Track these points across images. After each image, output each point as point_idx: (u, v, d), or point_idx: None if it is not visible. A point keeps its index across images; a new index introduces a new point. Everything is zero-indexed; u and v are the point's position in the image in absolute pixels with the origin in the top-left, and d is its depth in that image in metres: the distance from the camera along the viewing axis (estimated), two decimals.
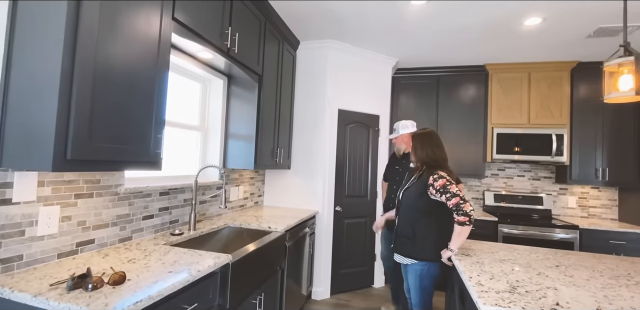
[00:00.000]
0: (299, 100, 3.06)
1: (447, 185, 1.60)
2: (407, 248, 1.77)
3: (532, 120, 3.30)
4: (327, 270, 2.87)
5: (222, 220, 2.20)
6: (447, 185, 1.60)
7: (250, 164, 2.27)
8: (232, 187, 2.51)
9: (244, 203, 2.70)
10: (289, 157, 2.95)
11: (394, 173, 2.62)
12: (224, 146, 2.39)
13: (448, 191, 1.59)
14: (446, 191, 1.59)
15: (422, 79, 3.62)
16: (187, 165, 2.26)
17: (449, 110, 3.53)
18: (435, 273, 1.72)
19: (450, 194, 1.58)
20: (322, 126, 2.96)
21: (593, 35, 2.63)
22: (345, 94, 3.09)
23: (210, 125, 2.39)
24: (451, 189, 1.58)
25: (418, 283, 1.74)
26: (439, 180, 1.63)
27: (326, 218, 2.90)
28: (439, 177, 1.64)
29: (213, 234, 1.96)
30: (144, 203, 1.66)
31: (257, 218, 2.32)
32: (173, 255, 1.36)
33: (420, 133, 1.86)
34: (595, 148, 3.16)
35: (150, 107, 1.29)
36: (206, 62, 2.08)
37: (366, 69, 3.23)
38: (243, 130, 2.35)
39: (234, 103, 2.41)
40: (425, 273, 1.72)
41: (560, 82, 3.27)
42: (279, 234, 1.96)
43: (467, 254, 1.60)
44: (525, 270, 1.38)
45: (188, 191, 1.99)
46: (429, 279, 1.72)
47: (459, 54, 3.17)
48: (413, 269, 1.75)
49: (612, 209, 3.33)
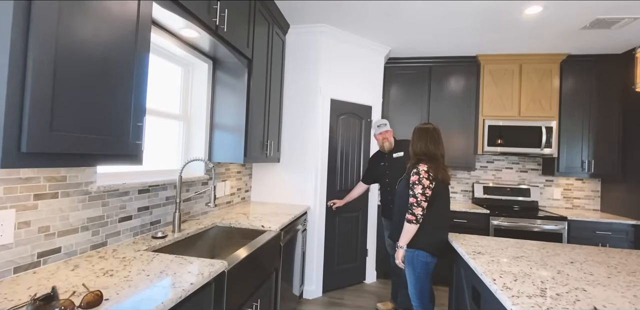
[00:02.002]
0: (289, 89, 2.86)
1: (416, 183, 1.66)
2: (398, 236, 1.79)
3: (522, 112, 3.29)
4: (319, 267, 2.75)
5: (208, 219, 2.00)
6: (415, 184, 1.67)
7: (240, 157, 2.07)
8: (219, 183, 2.31)
9: (230, 199, 2.50)
10: (279, 150, 2.76)
11: (382, 169, 2.53)
12: (209, 138, 2.17)
13: (412, 189, 1.66)
14: (412, 189, 1.67)
15: (414, 69, 3.51)
16: (169, 159, 2.03)
17: (440, 101, 3.46)
18: (425, 261, 1.70)
19: (413, 193, 1.66)
20: (314, 117, 2.79)
21: (588, 27, 2.60)
22: (338, 83, 2.92)
23: (193, 114, 2.16)
24: (415, 189, 1.65)
25: (410, 271, 1.74)
26: (414, 175, 1.69)
27: (318, 213, 2.76)
28: (415, 172, 1.69)
29: (200, 236, 1.77)
30: (121, 203, 1.44)
31: (247, 216, 2.14)
32: (158, 263, 1.17)
33: (420, 127, 1.87)
34: (582, 140, 3.21)
35: (127, 90, 1.07)
36: (189, 42, 1.84)
37: (359, 57, 3.07)
38: (231, 120, 2.14)
39: (220, 91, 2.19)
40: (416, 260, 1.71)
41: (551, 75, 3.27)
42: (273, 233, 1.80)
43: (479, 252, 1.52)
44: (543, 268, 1.31)
45: (170, 188, 1.77)
46: (421, 266, 1.71)
47: (452, 43, 3.08)
48: (407, 256, 1.75)
49: (594, 200, 3.42)
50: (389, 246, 2.61)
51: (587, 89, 3.22)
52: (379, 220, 3.15)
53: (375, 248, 3.15)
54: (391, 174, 2.46)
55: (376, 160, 2.61)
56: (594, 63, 3.21)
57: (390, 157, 2.48)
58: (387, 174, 2.49)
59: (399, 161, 2.44)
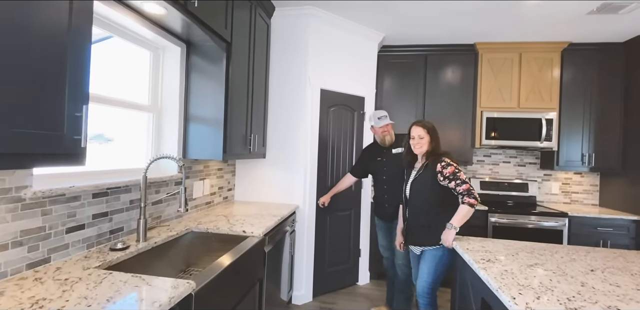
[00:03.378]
0: (275, 77, 2.62)
1: (457, 172, 1.66)
2: (422, 237, 1.78)
3: (522, 103, 3.13)
4: (308, 271, 2.56)
5: (183, 223, 1.78)
6: (456, 173, 1.66)
7: (218, 153, 1.84)
8: (196, 182, 2.08)
9: (210, 199, 2.27)
10: (264, 145, 2.53)
11: (379, 165, 2.33)
12: (183, 132, 1.93)
13: (458, 178, 1.65)
14: (456, 178, 1.65)
15: (408, 57, 3.31)
16: (137, 157, 1.79)
17: (436, 92, 3.27)
18: (448, 261, 1.73)
19: (460, 180, 1.65)
20: (303, 108, 2.56)
21: (595, 11, 2.43)
22: (329, 72, 2.69)
23: (165, 105, 1.91)
24: (460, 176, 1.66)
25: (433, 269, 1.73)
26: (447, 167, 1.67)
27: (308, 213, 2.56)
28: (447, 165, 1.68)
29: (171, 244, 1.54)
30: (68, 210, 1.20)
31: (227, 218, 1.92)
32: (108, 287, 0.95)
33: (432, 124, 1.87)
34: (582, 133, 3.07)
35: (59, 71, 0.84)
36: (157, 21, 1.59)
37: (351, 44, 2.84)
38: (208, 112, 1.90)
39: (195, 78, 1.94)
40: (444, 258, 1.72)
41: (551, 64, 3.11)
42: (256, 239, 1.59)
43: (488, 260, 1.34)
44: (564, 280, 1.14)
45: (136, 190, 1.54)
46: (443, 266, 1.73)
47: (449, 28, 2.87)
48: (431, 254, 1.75)
49: (593, 195, 3.32)
50: (382, 247, 2.44)
51: (588, 79, 3.07)
52: (372, 219, 2.97)
53: (368, 248, 2.98)
54: (389, 171, 2.27)
55: (372, 154, 2.40)
56: (595, 52, 3.06)
57: (389, 152, 2.28)
58: (385, 170, 2.29)
59: (397, 158, 2.24)
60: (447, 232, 1.65)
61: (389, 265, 2.40)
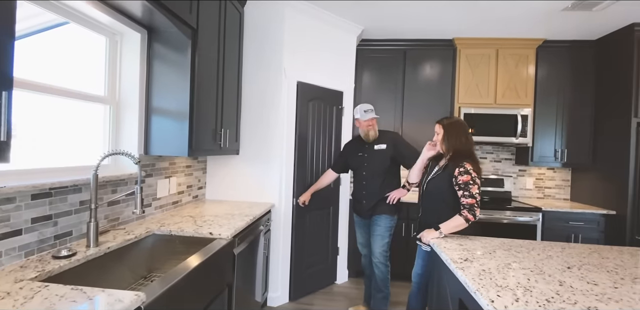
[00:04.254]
0: (249, 69, 2.48)
1: (470, 183, 1.59)
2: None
3: (498, 99, 3.15)
4: (284, 271, 2.47)
5: (144, 225, 1.63)
6: (469, 183, 1.59)
7: (183, 149, 1.71)
8: (161, 180, 1.93)
9: (178, 199, 2.13)
10: (237, 140, 2.40)
11: (360, 160, 2.28)
12: (145, 126, 1.78)
13: (468, 190, 1.59)
14: (466, 189, 1.59)
15: (388, 52, 3.25)
16: (92, 153, 1.62)
17: (415, 88, 3.23)
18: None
19: (469, 193, 1.59)
20: (279, 102, 2.45)
21: (570, 8, 2.45)
22: (306, 65, 2.58)
23: (124, 97, 1.75)
24: (472, 189, 1.59)
25: (424, 263, 1.77)
26: (464, 175, 1.60)
27: (284, 211, 2.46)
28: (464, 172, 1.60)
29: (129, 249, 1.41)
30: (1, 213, 1.05)
31: (195, 219, 1.79)
32: (39, 303, 0.82)
33: (456, 121, 1.77)
34: (556, 129, 3.13)
35: None
36: (113, 5, 1.43)
37: (329, 36, 2.74)
38: (172, 104, 1.76)
39: (158, 67, 1.78)
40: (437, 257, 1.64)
41: (527, 61, 3.14)
42: (224, 241, 1.48)
43: (466, 259, 1.30)
44: (542, 279, 1.11)
45: (88, 189, 1.39)
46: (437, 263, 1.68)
47: (429, 22, 2.82)
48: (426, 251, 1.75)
49: (564, 189, 3.40)
50: (360, 245, 2.39)
51: (561, 77, 3.12)
52: (350, 216, 2.91)
53: (347, 246, 2.93)
54: (369, 167, 2.22)
55: (353, 149, 2.35)
56: (568, 49, 3.11)
57: (371, 148, 2.23)
58: (365, 166, 2.24)
59: (379, 154, 2.20)
60: (430, 232, 1.61)
61: (367, 263, 2.35)
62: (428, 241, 1.60)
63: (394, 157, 2.19)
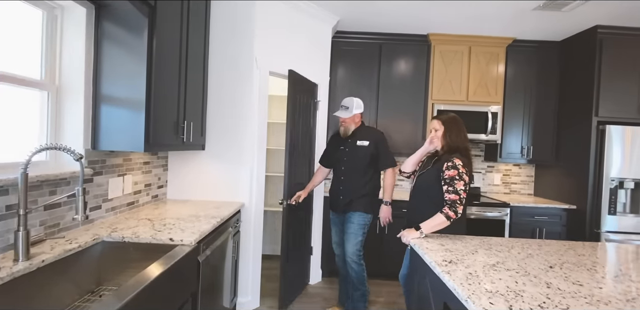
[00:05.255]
0: (217, 56, 2.27)
1: (456, 178, 1.53)
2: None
3: (470, 96, 3.19)
4: (255, 275, 2.32)
5: (91, 231, 1.41)
6: (455, 178, 1.53)
7: (139, 143, 1.49)
8: (113, 178, 1.69)
9: (134, 199, 1.90)
10: (203, 134, 2.20)
11: (340, 154, 2.20)
12: (93, 116, 1.54)
13: (452, 185, 1.53)
14: (451, 184, 1.53)
15: (363, 45, 3.16)
16: (27, 147, 1.37)
17: (390, 83, 3.18)
18: None
19: (453, 189, 1.53)
20: (250, 93, 2.27)
21: (541, 7, 2.48)
22: (278, 54, 2.42)
23: (66, 82, 1.50)
24: (457, 185, 1.53)
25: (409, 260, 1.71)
26: (451, 169, 1.55)
27: (255, 211, 2.30)
28: (452, 166, 1.55)
29: (70, 261, 1.19)
30: None
31: (153, 223, 1.59)
32: None
33: (454, 117, 1.71)
34: (523, 127, 3.23)
35: None
36: None
37: (304, 25, 2.59)
38: (126, 91, 1.53)
39: (108, 49, 1.55)
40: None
41: (497, 59, 3.19)
42: (188, 248, 1.31)
43: (450, 261, 1.23)
44: (529, 281, 1.07)
45: (15, 191, 1.15)
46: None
47: (403, 17, 2.77)
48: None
49: (529, 185, 3.54)
50: (335, 244, 2.31)
51: (528, 76, 3.21)
52: (325, 214, 2.81)
53: (320, 245, 2.83)
54: (349, 163, 2.16)
55: (335, 142, 2.28)
56: (535, 49, 3.20)
57: (354, 143, 2.16)
58: (345, 160, 2.17)
59: (361, 150, 2.13)
60: (411, 232, 1.54)
61: (341, 263, 2.27)
62: (408, 241, 1.53)
63: (374, 155, 2.13)
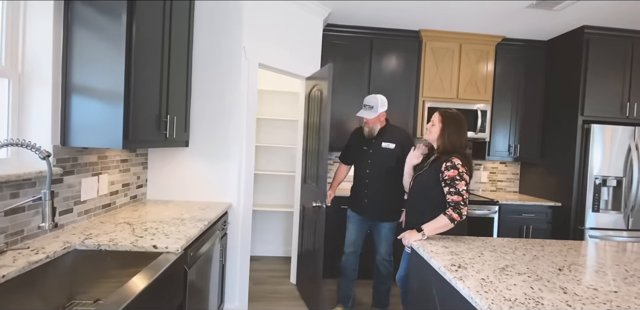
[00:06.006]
0: (203, 46, 2.11)
1: (457, 179, 1.47)
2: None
3: (460, 94, 3.17)
4: (243, 279, 2.20)
5: (62, 238, 1.25)
6: (456, 179, 1.47)
7: (117, 139, 1.34)
8: (86, 178, 1.52)
9: (111, 200, 1.73)
10: (187, 130, 2.04)
11: (363, 155, 2.12)
12: (63, 108, 1.37)
13: (454, 186, 1.47)
14: (452, 185, 1.47)
15: (354, 39, 3.07)
16: None
17: (381, 79, 3.12)
18: None
19: (455, 190, 1.47)
20: (238, 86, 2.13)
21: (534, 5, 2.48)
22: (268, 46, 2.29)
23: (30, 68, 1.32)
24: (458, 186, 1.47)
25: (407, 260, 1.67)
26: (450, 169, 1.48)
27: (243, 212, 2.17)
28: (451, 166, 1.48)
29: (36, 274, 1.04)
30: None
31: (133, 228, 1.44)
32: None
33: (457, 114, 1.61)
34: (510, 125, 3.25)
35: None
36: None
37: (294, 15, 2.47)
38: (101, 81, 1.37)
39: (81, 34, 1.37)
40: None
41: (487, 57, 3.19)
42: (173, 256, 1.18)
43: (459, 266, 1.17)
44: (544, 286, 1.02)
45: None
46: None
47: (395, 12, 2.70)
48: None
49: (514, 182, 3.59)
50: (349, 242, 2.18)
51: (516, 74, 3.24)
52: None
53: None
54: (373, 165, 2.07)
55: (359, 141, 2.18)
56: (523, 48, 3.23)
57: (378, 144, 2.07)
58: (369, 163, 2.08)
59: (386, 153, 2.05)
60: (412, 233, 1.48)
61: (352, 261, 2.18)
62: (410, 244, 1.47)
63: (401, 158, 1.99)
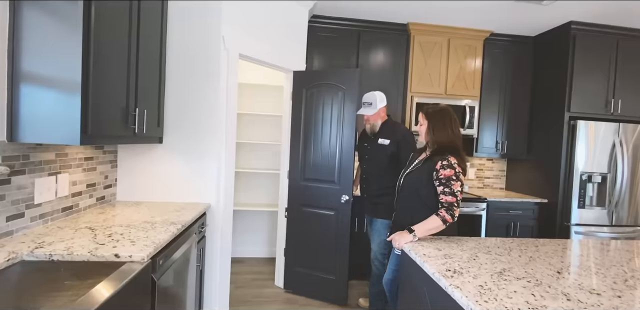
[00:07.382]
0: (177, 35, 1.95)
1: (453, 179, 1.40)
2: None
3: (448, 90, 3.12)
4: (224, 283, 2.07)
5: (8, 247, 1.09)
6: (451, 179, 1.40)
7: (74, 134, 1.18)
8: (41, 179, 1.35)
9: (73, 203, 1.56)
10: (160, 125, 1.88)
11: (363, 152, 2.13)
12: (9, 98, 1.20)
13: (449, 186, 1.40)
14: (447, 185, 1.41)
15: (341, 32, 2.96)
16: None
17: (369, 74, 3.02)
18: None
19: (450, 190, 1.40)
20: (217, 78, 1.98)
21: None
22: (250, 36, 2.15)
23: None
24: (453, 186, 1.40)
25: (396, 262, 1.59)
26: (447, 168, 1.41)
27: (223, 213, 2.03)
28: (448, 165, 1.41)
29: None
30: None
31: (95, 233, 1.29)
32: None
33: (440, 110, 1.54)
34: (498, 121, 3.22)
35: None
36: None
37: (277, 4, 2.32)
38: (55, 68, 1.20)
39: (30, 15, 1.20)
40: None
41: (475, 52, 3.14)
42: (138, 266, 1.04)
43: (454, 270, 1.09)
44: (545, 292, 0.94)
45: None
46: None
47: (382, 4, 2.60)
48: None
49: (501, 179, 3.57)
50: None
51: (504, 70, 3.20)
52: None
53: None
54: (369, 161, 2.07)
55: (363, 137, 2.20)
56: (510, 44, 3.20)
57: (375, 140, 2.04)
58: (366, 158, 2.08)
59: (381, 149, 2.00)
60: (403, 235, 1.40)
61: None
62: (401, 246, 1.38)
63: (395, 155, 1.96)
